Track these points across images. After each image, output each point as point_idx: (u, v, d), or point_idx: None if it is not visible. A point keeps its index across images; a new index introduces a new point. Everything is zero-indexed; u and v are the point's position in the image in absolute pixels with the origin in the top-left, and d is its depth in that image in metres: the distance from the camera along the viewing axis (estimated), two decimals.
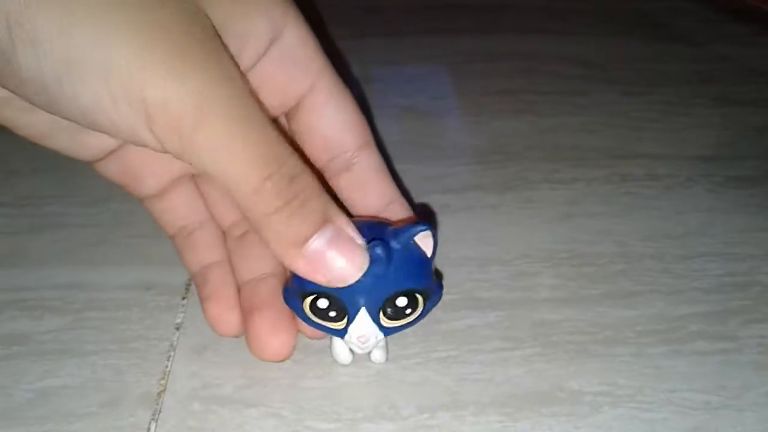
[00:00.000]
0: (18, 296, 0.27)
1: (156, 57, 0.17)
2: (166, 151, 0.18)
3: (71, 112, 0.18)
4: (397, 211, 0.24)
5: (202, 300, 0.25)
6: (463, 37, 0.46)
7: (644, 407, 0.23)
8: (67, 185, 0.33)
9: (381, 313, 0.22)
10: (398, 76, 0.42)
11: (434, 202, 0.32)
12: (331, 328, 0.22)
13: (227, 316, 0.24)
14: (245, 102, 0.18)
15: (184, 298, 0.27)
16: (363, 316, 0.22)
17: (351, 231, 0.20)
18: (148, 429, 0.23)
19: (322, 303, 0.21)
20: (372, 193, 0.24)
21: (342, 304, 0.21)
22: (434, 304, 0.23)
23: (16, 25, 0.16)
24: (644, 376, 0.24)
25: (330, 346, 0.24)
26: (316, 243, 0.19)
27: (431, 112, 0.39)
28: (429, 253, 0.22)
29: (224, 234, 0.26)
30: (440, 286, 0.24)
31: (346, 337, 0.22)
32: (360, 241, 0.20)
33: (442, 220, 0.31)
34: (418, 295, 0.22)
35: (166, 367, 0.25)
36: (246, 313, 0.24)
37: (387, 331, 0.22)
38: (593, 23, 0.48)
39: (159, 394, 0.24)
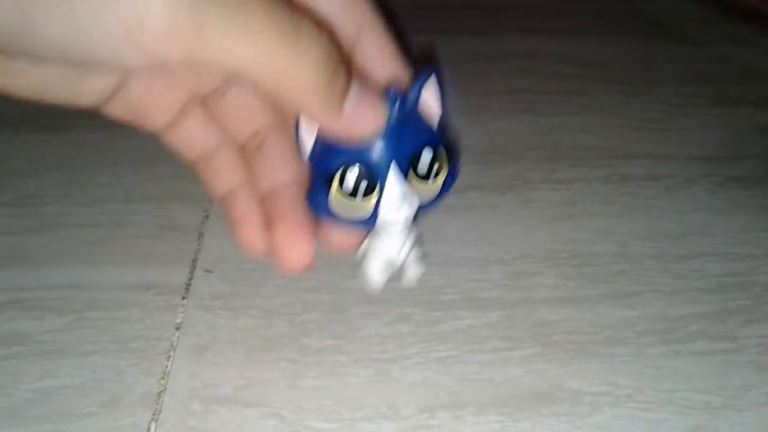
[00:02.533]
0: (18, 296, 0.27)
1: None
2: (167, 64, 0.17)
3: (49, 55, 0.17)
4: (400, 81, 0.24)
5: (232, 224, 0.25)
6: (463, 37, 0.46)
7: (644, 407, 0.23)
8: (67, 185, 0.33)
9: (411, 173, 0.21)
10: None
11: None
12: (362, 215, 0.21)
13: (255, 238, 0.24)
14: None
15: (184, 298, 0.27)
16: (394, 174, 0.21)
17: (365, 82, 0.20)
18: (148, 429, 0.23)
19: (352, 174, 0.21)
20: (374, 69, 0.24)
21: (371, 167, 0.21)
22: (455, 173, 0.22)
23: None
24: (644, 376, 0.24)
25: (363, 267, 0.24)
26: (352, 98, 0.20)
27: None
28: (437, 107, 0.22)
29: (242, 149, 0.26)
30: (457, 158, 0.23)
31: (381, 215, 0.21)
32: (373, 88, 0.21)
33: (443, 220, 0.31)
34: (441, 151, 0.21)
35: (166, 367, 0.25)
36: (268, 226, 0.24)
37: (421, 197, 0.21)
38: (593, 23, 0.48)
39: (159, 394, 0.24)
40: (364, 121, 0.20)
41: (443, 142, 0.21)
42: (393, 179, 0.21)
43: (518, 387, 0.24)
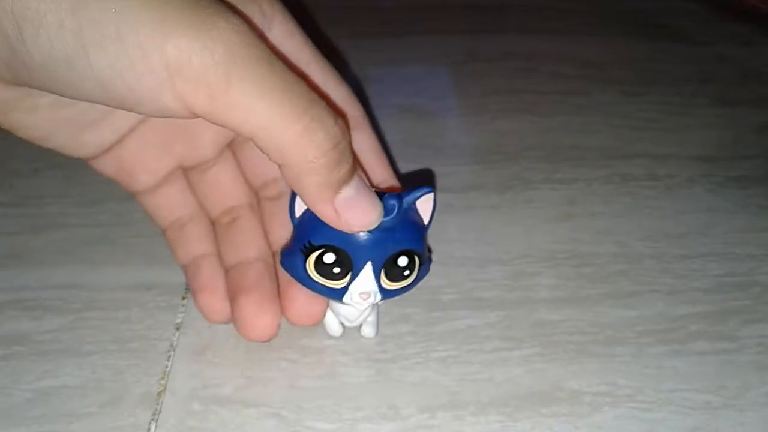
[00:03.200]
0: (18, 296, 0.27)
1: (175, 14, 0.17)
2: (192, 116, 0.18)
3: (89, 88, 0.18)
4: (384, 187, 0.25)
5: (193, 290, 0.26)
6: (463, 37, 0.46)
7: (644, 407, 0.23)
8: (67, 185, 0.33)
9: (383, 272, 0.22)
10: (398, 76, 0.42)
11: None
12: (331, 288, 0.22)
13: (218, 305, 0.25)
14: (270, 53, 0.18)
15: (184, 298, 0.27)
16: (368, 271, 0.22)
17: (366, 183, 0.21)
18: (148, 429, 0.23)
19: (329, 257, 0.21)
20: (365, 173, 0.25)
21: (349, 258, 0.21)
22: (424, 275, 0.24)
23: (23, 11, 0.16)
24: (644, 376, 0.24)
25: (324, 319, 0.25)
26: (348, 191, 0.20)
27: (431, 112, 0.39)
28: (426, 220, 0.23)
29: (213, 224, 0.26)
30: (430, 260, 0.24)
31: (346, 296, 0.22)
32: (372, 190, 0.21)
33: (443, 219, 0.31)
34: (416, 258, 0.22)
35: (166, 367, 0.25)
36: (232, 296, 0.25)
37: (384, 294, 0.22)
38: (593, 23, 0.48)
39: (159, 394, 0.24)
40: (353, 219, 0.20)
41: (420, 252, 0.23)
42: (365, 275, 0.22)
43: (518, 387, 0.24)
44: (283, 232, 0.24)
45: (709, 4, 0.50)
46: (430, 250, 0.25)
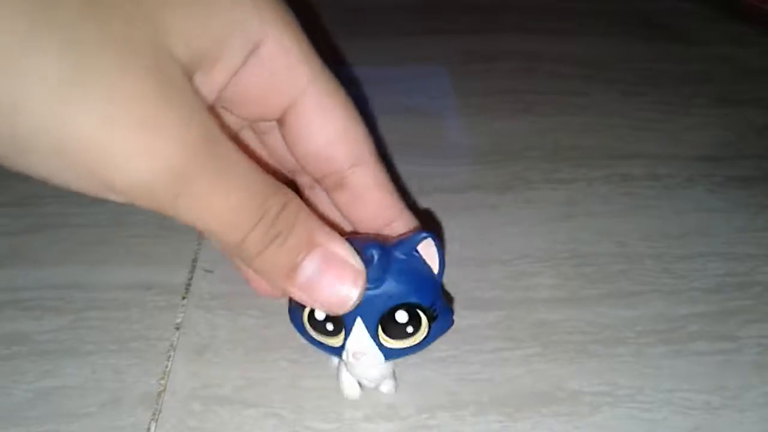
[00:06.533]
0: (18, 296, 0.27)
1: (119, 134, 0.16)
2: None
3: (33, 174, 0.17)
4: (399, 229, 0.22)
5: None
6: (463, 37, 0.46)
7: (644, 407, 0.23)
8: None
9: (380, 329, 0.20)
10: (398, 76, 0.42)
11: (434, 202, 0.32)
12: (329, 346, 0.21)
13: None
14: (220, 156, 0.17)
15: (184, 298, 0.27)
16: (359, 328, 0.20)
17: (343, 251, 0.19)
18: (148, 429, 0.23)
19: (319, 314, 0.20)
20: (368, 212, 0.22)
21: (339, 315, 0.20)
22: (443, 330, 0.21)
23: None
24: (644, 376, 0.24)
25: (338, 378, 0.24)
26: (307, 270, 0.19)
27: (431, 112, 0.39)
28: (435, 268, 0.21)
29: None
30: (450, 311, 0.21)
31: (344, 354, 0.21)
32: (355, 260, 0.19)
33: (443, 219, 0.31)
34: (420, 312, 0.20)
35: (166, 367, 0.25)
36: None
37: (387, 353, 0.20)
38: (593, 23, 0.48)
39: (159, 394, 0.24)
40: (321, 297, 0.19)
41: (427, 306, 0.20)
42: (357, 333, 0.20)
43: (518, 387, 0.24)
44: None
45: (709, 4, 0.50)
46: (450, 299, 0.22)
